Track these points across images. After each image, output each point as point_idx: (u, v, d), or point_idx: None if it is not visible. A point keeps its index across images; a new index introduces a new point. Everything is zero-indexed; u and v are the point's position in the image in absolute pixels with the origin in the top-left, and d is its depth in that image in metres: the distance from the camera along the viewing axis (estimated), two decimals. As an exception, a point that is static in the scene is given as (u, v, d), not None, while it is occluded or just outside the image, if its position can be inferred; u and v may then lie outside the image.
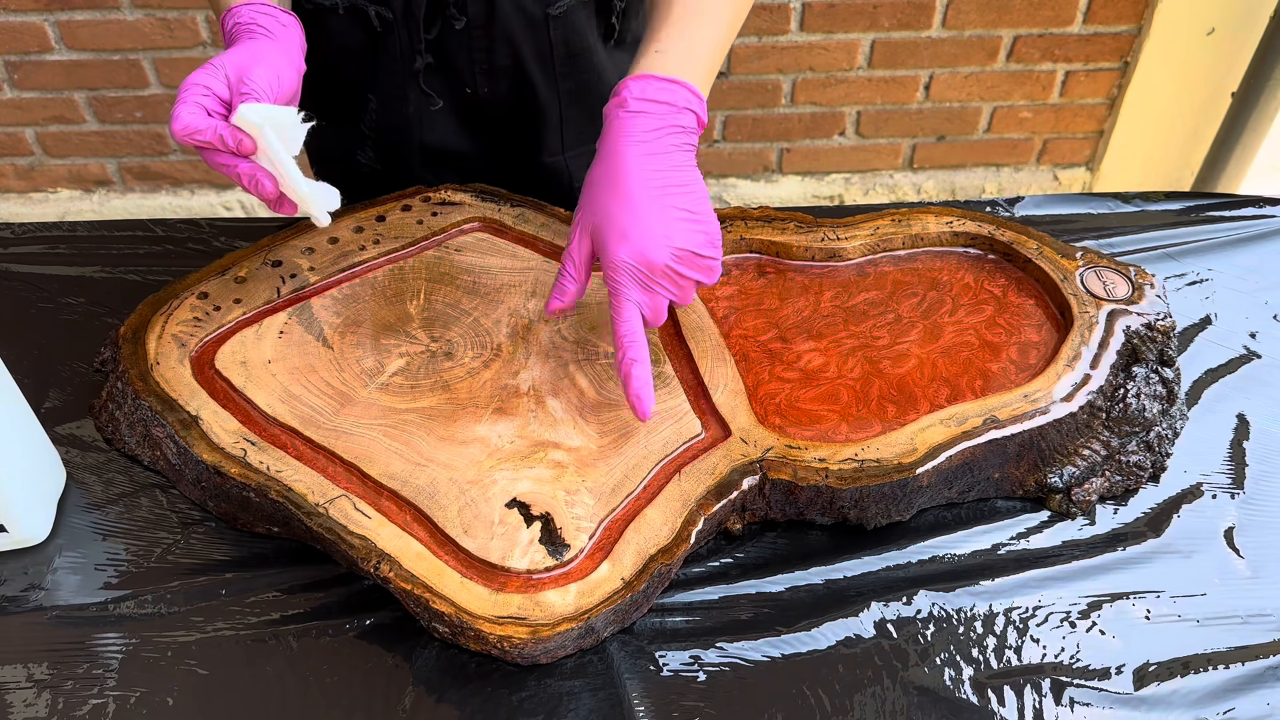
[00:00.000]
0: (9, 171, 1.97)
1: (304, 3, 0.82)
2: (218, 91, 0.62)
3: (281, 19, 0.68)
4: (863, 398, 0.69)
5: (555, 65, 0.86)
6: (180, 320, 0.70)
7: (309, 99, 0.92)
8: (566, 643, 0.56)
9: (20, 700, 0.56)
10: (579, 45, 0.86)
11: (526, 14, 0.82)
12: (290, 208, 0.65)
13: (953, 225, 0.81)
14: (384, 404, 0.66)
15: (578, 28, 0.85)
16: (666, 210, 0.62)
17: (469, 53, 0.83)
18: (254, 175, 0.62)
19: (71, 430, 0.70)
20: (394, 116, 0.88)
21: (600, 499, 0.61)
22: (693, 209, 0.62)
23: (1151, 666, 0.59)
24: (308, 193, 0.63)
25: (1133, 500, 0.69)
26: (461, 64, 0.84)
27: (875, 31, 1.88)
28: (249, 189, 0.63)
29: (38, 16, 1.74)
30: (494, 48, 0.83)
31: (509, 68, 0.85)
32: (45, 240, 0.85)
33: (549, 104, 0.88)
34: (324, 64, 0.87)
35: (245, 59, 0.64)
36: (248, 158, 0.62)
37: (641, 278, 0.61)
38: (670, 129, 0.64)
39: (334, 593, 0.61)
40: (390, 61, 0.84)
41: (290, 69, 0.66)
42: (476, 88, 0.86)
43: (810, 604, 0.62)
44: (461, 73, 0.84)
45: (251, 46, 0.65)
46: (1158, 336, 0.71)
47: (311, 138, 0.95)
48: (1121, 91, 2.02)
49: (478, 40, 0.82)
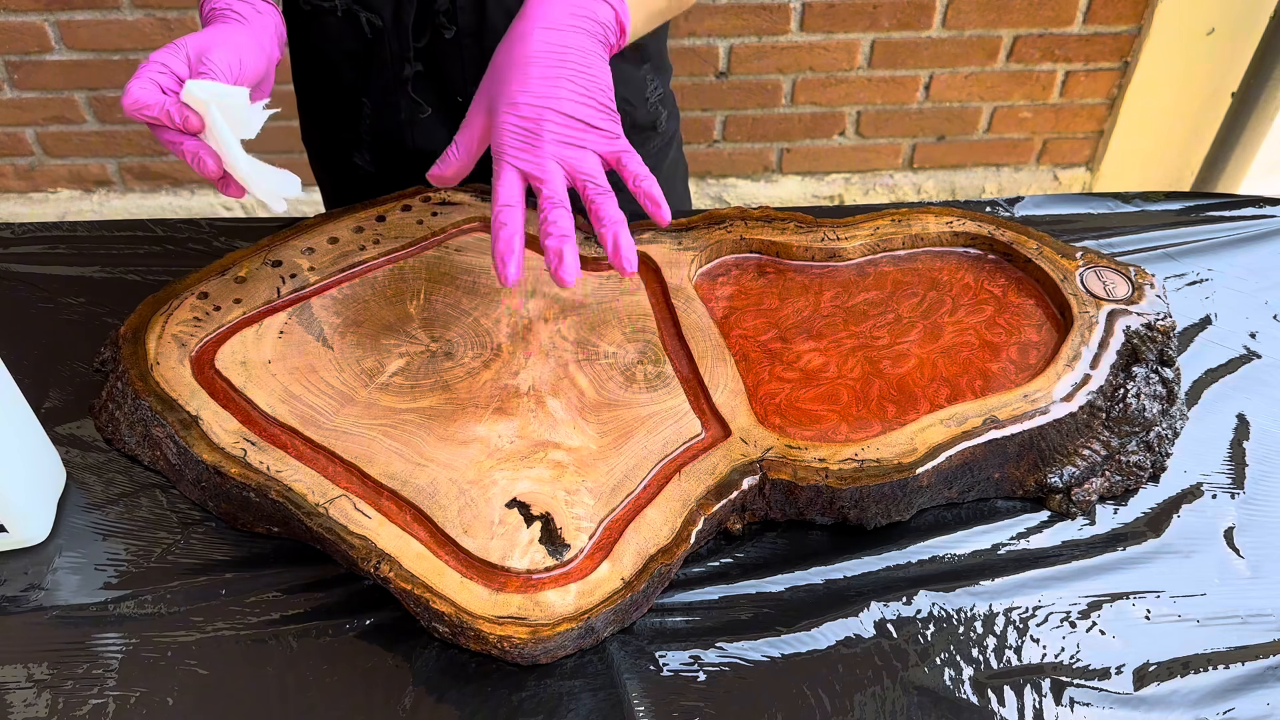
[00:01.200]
0: (9, 171, 1.97)
1: (303, 3, 0.82)
2: (175, 69, 0.62)
3: (258, 6, 0.68)
4: (863, 398, 0.69)
5: None
6: (180, 320, 0.70)
7: (310, 99, 0.92)
8: (566, 643, 0.56)
9: (20, 700, 0.56)
10: None
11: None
12: (237, 190, 0.65)
13: (953, 225, 0.81)
14: (384, 404, 0.66)
15: None
16: (560, 83, 0.62)
17: (460, 61, 0.83)
18: (197, 153, 0.62)
19: (71, 430, 0.70)
20: (387, 121, 0.88)
21: (600, 499, 0.61)
22: (588, 88, 0.63)
23: (1151, 666, 0.59)
24: (249, 172, 0.63)
25: (1133, 500, 0.69)
26: (452, 72, 0.84)
27: (875, 31, 1.88)
28: (193, 166, 0.63)
29: (38, 16, 1.74)
30: (485, 56, 0.83)
31: None
32: (45, 240, 0.85)
33: None
34: (323, 66, 0.87)
35: (208, 40, 0.64)
36: (195, 135, 0.63)
37: (523, 137, 0.61)
38: (582, 18, 0.65)
39: (334, 593, 0.61)
40: (382, 67, 0.84)
41: (257, 54, 0.66)
42: (467, 95, 0.86)
43: (810, 604, 0.62)
44: (452, 80, 0.84)
45: (220, 29, 0.66)
46: (1158, 336, 0.71)
47: (311, 139, 0.96)
48: (1121, 91, 2.02)
49: (469, 49, 0.82)
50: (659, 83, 0.94)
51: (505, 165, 0.61)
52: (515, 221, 0.60)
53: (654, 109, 0.94)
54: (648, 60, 0.92)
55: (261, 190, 0.64)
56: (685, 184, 1.08)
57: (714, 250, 0.79)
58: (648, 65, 0.92)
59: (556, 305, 0.73)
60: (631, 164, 0.63)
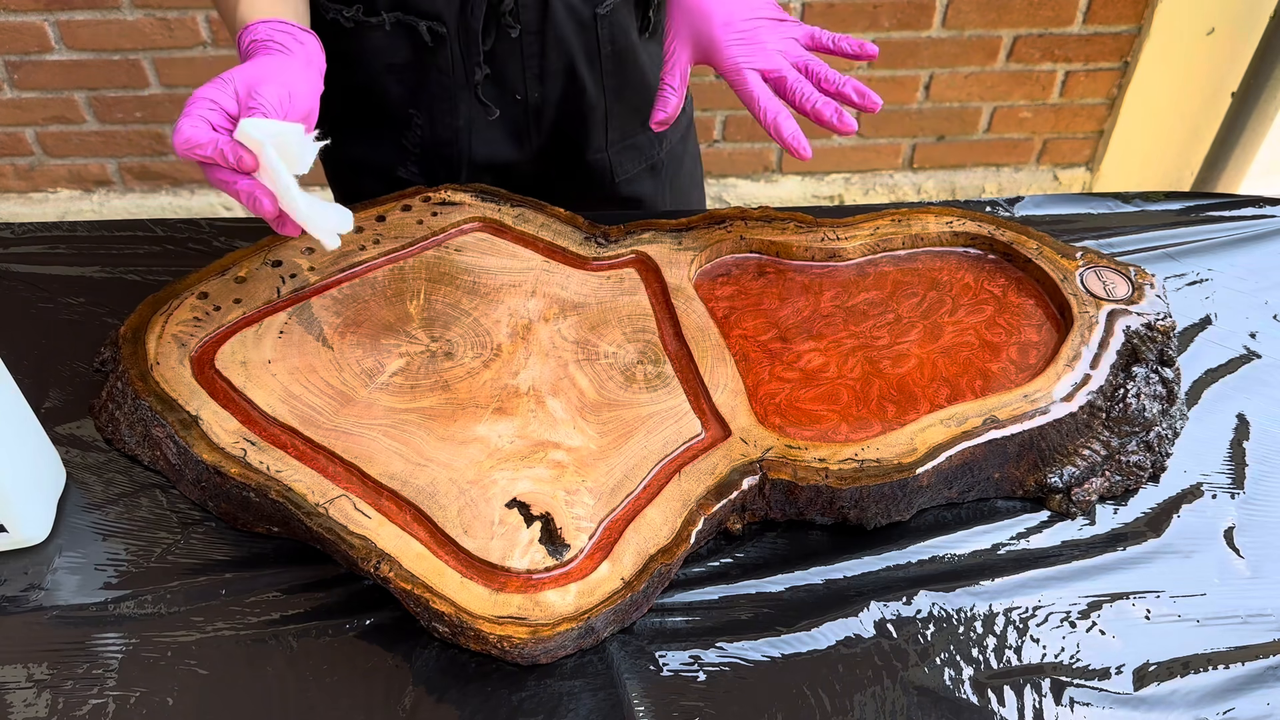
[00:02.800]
0: (9, 171, 1.97)
1: (343, 20, 0.82)
2: (225, 106, 0.61)
3: (299, 37, 0.67)
4: (863, 398, 0.69)
5: (602, 63, 0.88)
6: (180, 320, 0.70)
7: (348, 116, 0.92)
8: (566, 643, 0.56)
9: (20, 700, 0.56)
10: (623, 41, 0.88)
11: (577, 15, 0.83)
12: (293, 228, 0.64)
13: (953, 225, 0.81)
14: (384, 404, 0.66)
15: (621, 24, 0.87)
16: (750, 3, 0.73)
17: (521, 59, 0.84)
18: (252, 193, 0.61)
19: (71, 430, 0.70)
20: (442, 131, 0.88)
21: (600, 499, 0.61)
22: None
23: (1151, 666, 0.59)
24: (308, 212, 0.62)
25: (1133, 500, 0.69)
26: (513, 71, 0.85)
27: (875, 31, 1.88)
28: (248, 206, 0.62)
29: (38, 16, 1.74)
30: (546, 52, 0.85)
31: (559, 70, 0.86)
32: (45, 240, 0.85)
33: (595, 102, 0.90)
34: (365, 81, 0.87)
35: (256, 74, 0.63)
36: (249, 174, 0.61)
37: (749, 46, 0.72)
38: None
39: (334, 593, 0.61)
40: (439, 75, 0.84)
41: (305, 86, 0.65)
42: (527, 94, 0.87)
43: (810, 604, 0.62)
44: (512, 80, 0.86)
45: (265, 62, 0.64)
46: (1158, 336, 0.71)
47: (352, 155, 0.94)
48: (1121, 91, 2.02)
49: (530, 46, 0.83)
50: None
51: (748, 72, 0.71)
52: (783, 109, 0.71)
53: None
54: None
55: (319, 229, 0.63)
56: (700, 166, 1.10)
57: (714, 250, 0.79)
58: None
59: (557, 305, 0.73)
60: (822, 37, 0.74)
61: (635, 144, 0.96)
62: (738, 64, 0.71)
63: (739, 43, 0.72)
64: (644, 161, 0.97)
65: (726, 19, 0.72)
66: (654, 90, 0.83)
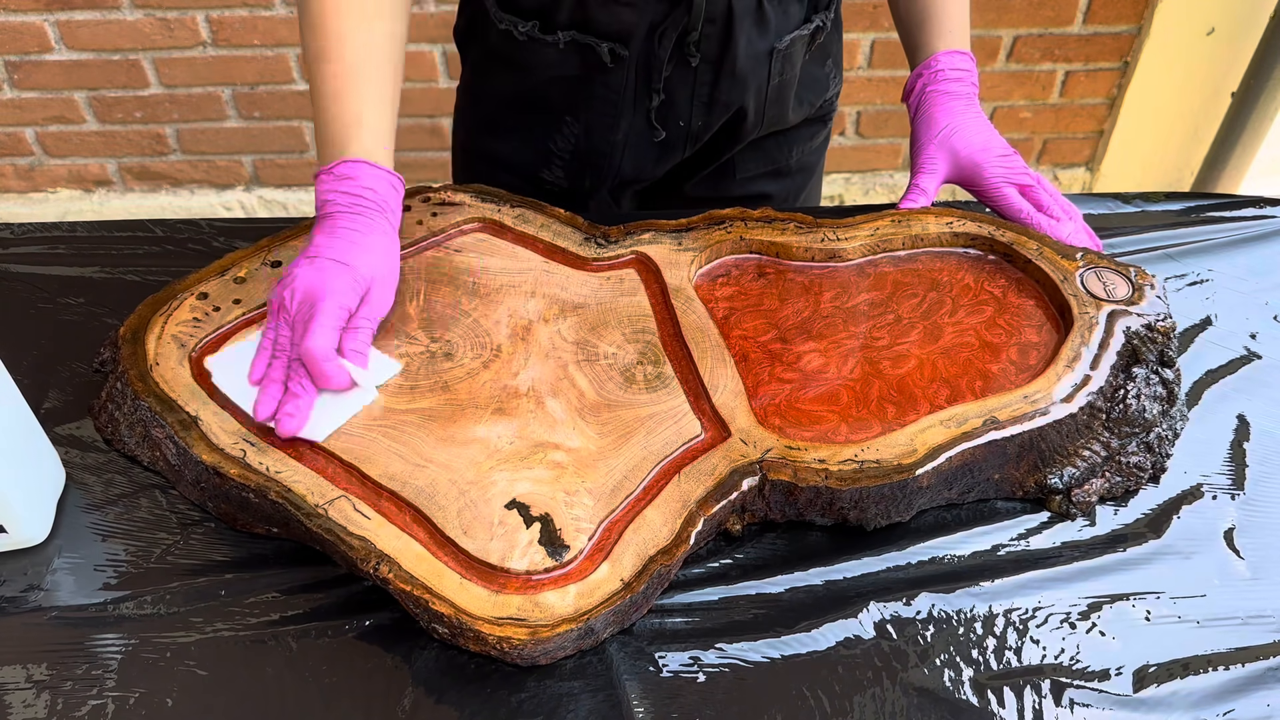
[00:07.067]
0: (9, 171, 1.97)
1: (516, 34, 0.84)
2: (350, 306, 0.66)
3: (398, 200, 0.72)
4: (862, 398, 0.69)
5: (767, 94, 0.89)
6: (180, 321, 0.70)
7: (498, 115, 0.93)
8: (566, 644, 0.56)
9: (20, 701, 0.56)
10: (790, 74, 0.89)
11: (754, 49, 0.84)
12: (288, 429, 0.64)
13: (953, 226, 0.81)
14: (383, 404, 0.66)
15: (793, 58, 0.88)
16: (991, 131, 0.85)
17: (692, 87, 0.85)
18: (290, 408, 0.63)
19: (71, 430, 0.70)
20: (599, 143, 0.89)
21: (600, 500, 0.61)
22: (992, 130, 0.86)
23: (1151, 668, 0.59)
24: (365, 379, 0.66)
25: (1133, 501, 0.69)
26: (682, 97, 0.86)
27: (875, 31, 1.88)
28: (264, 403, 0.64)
29: (38, 16, 1.75)
30: (719, 82, 0.86)
31: (727, 102, 0.87)
32: (45, 240, 0.85)
33: (750, 132, 0.92)
34: (525, 89, 0.88)
35: (373, 273, 0.67)
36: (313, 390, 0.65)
37: (1003, 169, 0.83)
38: (969, 83, 0.87)
39: (333, 593, 0.61)
40: (606, 92, 0.85)
41: (387, 287, 0.69)
42: (691, 120, 0.88)
43: (810, 605, 0.62)
44: (680, 105, 0.87)
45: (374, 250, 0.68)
46: (1158, 337, 0.71)
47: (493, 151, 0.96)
48: (1121, 91, 2.02)
49: (704, 75, 0.85)
50: (839, 78, 0.98)
51: (1006, 188, 0.83)
52: (1036, 214, 0.83)
53: (829, 103, 0.99)
54: (829, 56, 0.95)
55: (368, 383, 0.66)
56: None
57: (714, 251, 0.79)
58: (829, 62, 0.95)
59: (556, 306, 0.73)
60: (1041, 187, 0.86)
61: (762, 174, 0.99)
62: (1004, 178, 0.83)
63: (1005, 164, 0.83)
64: (769, 165, 0.99)
65: (989, 146, 0.84)
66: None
